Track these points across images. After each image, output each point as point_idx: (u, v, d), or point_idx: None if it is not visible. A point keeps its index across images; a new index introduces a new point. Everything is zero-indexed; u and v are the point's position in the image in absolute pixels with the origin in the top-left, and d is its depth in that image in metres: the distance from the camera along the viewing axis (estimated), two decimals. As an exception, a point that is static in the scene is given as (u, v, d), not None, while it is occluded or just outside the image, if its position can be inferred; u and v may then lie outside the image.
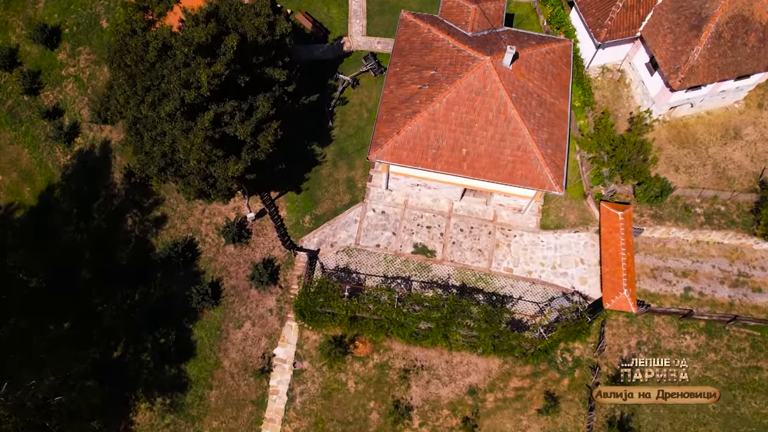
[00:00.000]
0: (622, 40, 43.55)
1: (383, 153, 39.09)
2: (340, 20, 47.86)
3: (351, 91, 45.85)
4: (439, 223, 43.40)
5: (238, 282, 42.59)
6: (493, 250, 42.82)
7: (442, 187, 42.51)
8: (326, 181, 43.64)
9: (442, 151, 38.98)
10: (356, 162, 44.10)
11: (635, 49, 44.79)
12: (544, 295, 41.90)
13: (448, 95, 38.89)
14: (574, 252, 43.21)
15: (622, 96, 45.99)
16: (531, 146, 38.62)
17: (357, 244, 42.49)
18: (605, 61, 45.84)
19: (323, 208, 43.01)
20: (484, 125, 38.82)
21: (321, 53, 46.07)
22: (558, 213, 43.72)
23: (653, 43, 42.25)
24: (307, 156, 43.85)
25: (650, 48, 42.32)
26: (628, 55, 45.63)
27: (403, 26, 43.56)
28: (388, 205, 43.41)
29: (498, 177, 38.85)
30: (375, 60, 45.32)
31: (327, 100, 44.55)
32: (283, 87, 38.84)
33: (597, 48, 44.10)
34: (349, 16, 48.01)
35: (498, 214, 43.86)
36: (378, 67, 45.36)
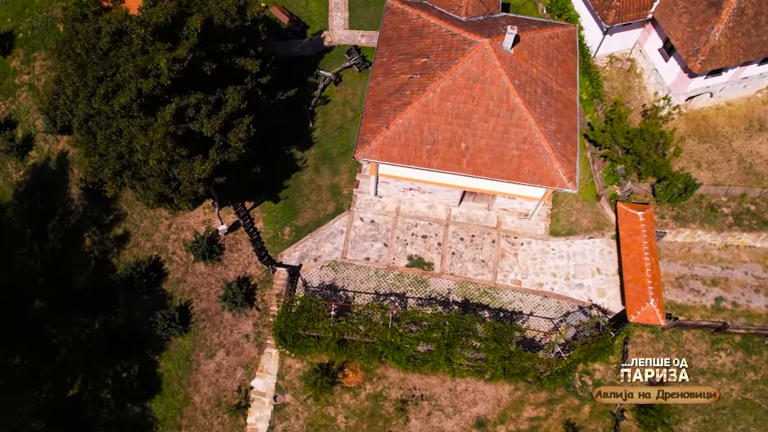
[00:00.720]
0: (632, 23, 39.57)
1: (371, 151, 34.74)
2: (319, 13, 43.89)
3: (333, 89, 41.66)
4: (436, 232, 38.92)
5: (210, 305, 37.79)
6: (498, 261, 38.28)
7: (438, 191, 38.11)
8: (307, 188, 39.22)
9: (437, 147, 34.65)
10: (341, 166, 39.73)
11: (646, 34, 40.86)
12: (558, 309, 37.26)
13: (442, 83, 34.66)
14: (589, 261, 38.72)
15: (634, 87, 41.95)
16: (538, 138, 34.37)
17: (344, 257, 37.88)
18: (613, 49, 41.90)
19: (305, 219, 38.51)
20: (485, 116, 34.56)
21: (299, 49, 41.99)
22: (569, 217, 39.34)
23: (667, 24, 38.33)
24: (285, 160, 39.44)
25: (664, 30, 38.35)
26: (638, 42, 41.70)
27: (390, 14, 39.51)
28: (377, 213, 38.98)
29: (502, 174, 34.49)
30: (359, 54, 41.28)
31: (307, 99, 40.37)
32: (256, 79, 34.63)
33: (604, 34, 40.13)
34: (330, 9, 44.05)
35: (502, 221, 39.44)
36: (362, 61, 41.29)
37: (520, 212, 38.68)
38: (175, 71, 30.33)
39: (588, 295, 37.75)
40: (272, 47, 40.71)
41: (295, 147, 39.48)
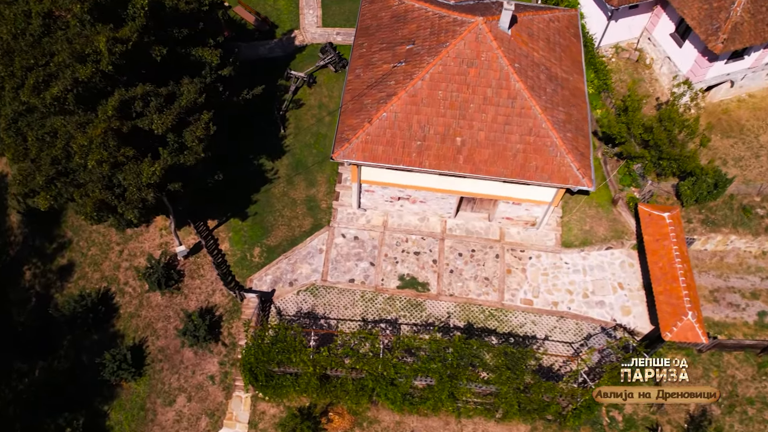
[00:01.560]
0: (639, 5, 35.74)
1: (352, 150, 30.23)
2: (289, 12, 39.85)
3: (307, 92, 37.31)
4: (430, 248, 34.16)
5: (168, 342, 32.50)
6: (504, 278, 33.47)
7: (430, 200, 33.51)
8: (280, 202, 34.49)
9: (429, 143, 30.17)
10: (317, 177, 35.12)
11: (655, 19, 37.01)
12: (578, 331, 32.31)
13: (432, 69, 30.34)
14: (608, 275, 33.98)
15: (644, 79, 37.87)
16: (546, 129, 30.01)
17: (324, 280, 32.93)
18: (618, 38, 37.99)
19: (277, 237, 33.67)
20: (482, 105, 30.23)
21: (267, 50, 37.79)
22: (582, 226, 34.75)
23: (680, 3, 34.52)
24: (254, 172, 34.71)
25: (677, 10, 34.36)
26: (646, 28, 37.83)
27: (368, 2, 35.32)
28: (362, 228, 34.26)
29: (505, 172, 29.99)
30: (334, 52, 37.12)
31: (277, 103, 36.02)
32: (216, 72, 30.33)
33: (609, 19, 36.27)
34: (300, 7, 40.04)
35: (505, 232, 34.77)
36: (339, 60, 37.07)
37: (527, 221, 34.08)
38: (118, 54, 25.78)
39: (611, 314, 32.85)
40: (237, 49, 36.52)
41: (265, 156, 34.88)
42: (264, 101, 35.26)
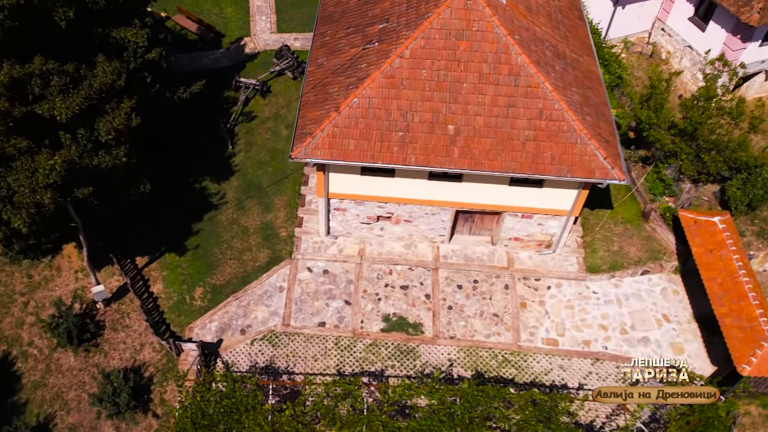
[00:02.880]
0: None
1: (316, 146, 24.76)
2: (238, 19, 35.26)
3: (260, 103, 32.15)
4: (420, 280, 28.27)
5: (82, 416, 25.39)
6: (519, 313, 27.53)
7: (418, 217, 27.81)
8: (228, 231, 28.59)
9: (414, 133, 24.72)
10: (275, 200, 29.46)
11: (668, 5, 32.80)
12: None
13: (412, 45, 25.34)
14: (649, 304, 28.16)
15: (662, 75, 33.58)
16: (560, 110, 24.79)
17: (286, 324, 26.65)
18: (627, 31, 33.57)
19: (225, 274, 27.60)
20: (478, 85, 25.17)
21: (212, 61, 32.84)
22: (608, 246, 29.22)
23: (701, -24, 30.72)
24: (196, 196, 29.07)
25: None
26: (658, 18, 33.65)
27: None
28: (332, 259, 28.39)
29: (514, 165, 24.51)
30: (292, 55, 32.39)
31: (223, 117, 30.87)
32: (142, 57, 25.22)
33: (615, 4, 32.14)
34: (251, 14, 35.53)
35: (514, 257, 29.05)
36: (297, 64, 32.04)
37: (540, 241, 28.49)
38: (7, 8, 20.54)
39: (658, 352, 26.63)
40: (175, 60, 31.76)
41: (209, 178, 29.25)
42: (207, 113, 30.18)
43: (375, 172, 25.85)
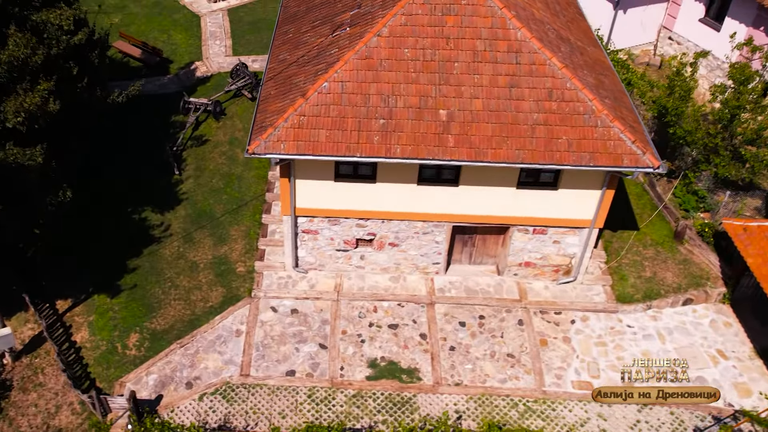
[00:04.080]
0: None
1: (278, 139, 20.78)
2: (188, 45, 32.27)
3: (213, 126, 28.55)
4: (413, 317, 23.92)
5: None
6: (539, 353, 23.12)
7: (406, 238, 23.48)
8: (172, 268, 24.27)
9: (398, 121, 21.24)
10: (230, 230, 25.37)
11: (674, 9, 30.72)
12: (678, 426, 21.61)
13: (390, 22, 22.38)
14: (698, 339, 23.86)
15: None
16: (574, 89, 21.26)
17: (245, 374, 21.88)
18: (630, 42, 31.12)
19: (167, 318, 23.04)
20: (473, 64, 21.88)
21: (158, 87, 29.59)
22: (639, 272, 25.30)
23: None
24: (132, 228, 24.93)
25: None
26: (663, 27, 31.53)
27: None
28: (302, 297, 24.00)
29: (524, 153, 20.60)
30: (250, 74, 29.38)
31: (169, 141, 27.28)
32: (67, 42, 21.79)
33: (615, 8, 29.89)
34: (204, 39, 32.64)
35: (527, 288, 24.92)
36: (256, 83, 28.94)
37: (556, 266, 24.50)
38: None
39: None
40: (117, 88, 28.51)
41: (150, 208, 25.27)
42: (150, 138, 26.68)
43: (352, 178, 22.06)
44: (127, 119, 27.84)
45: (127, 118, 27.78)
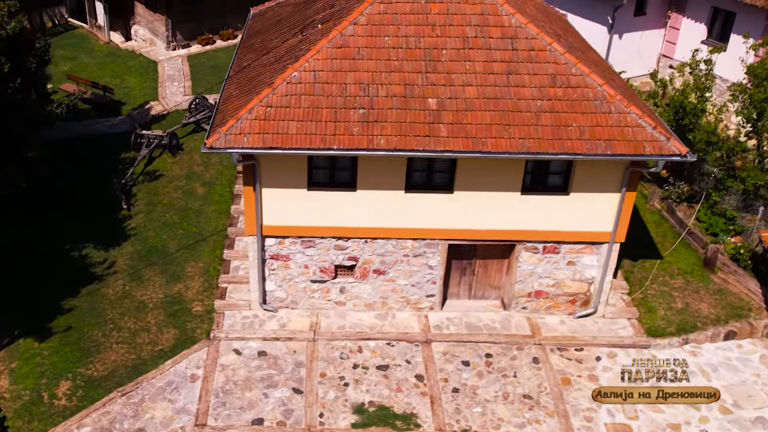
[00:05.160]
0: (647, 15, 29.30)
1: (240, 131, 18.12)
2: (143, 88, 30.32)
3: (168, 161, 26.18)
4: (406, 357, 20.77)
5: None
6: (562, 393, 19.98)
7: (394, 264, 20.54)
8: (115, 308, 21.07)
9: (381, 110, 18.95)
10: (186, 267, 22.42)
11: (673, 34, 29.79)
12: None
13: (368, 10, 20.80)
14: (749, 376, 20.61)
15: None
16: (581, 74, 19.03)
17: (201, 425, 18.21)
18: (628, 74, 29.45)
19: (107, 363, 19.66)
20: (463, 51, 19.77)
21: (108, 127, 27.35)
22: (669, 303, 22.57)
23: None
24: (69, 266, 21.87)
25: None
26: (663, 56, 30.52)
27: (258, 15, 26.98)
28: (271, 337, 20.73)
29: (530, 142, 18.13)
30: (211, 106, 27.02)
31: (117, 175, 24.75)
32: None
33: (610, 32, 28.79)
34: (161, 82, 30.93)
35: (540, 323, 22.07)
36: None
37: (572, 294, 21.57)
38: None
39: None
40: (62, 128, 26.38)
41: (92, 245, 22.57)
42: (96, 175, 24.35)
43: (328, 186, 19.58)
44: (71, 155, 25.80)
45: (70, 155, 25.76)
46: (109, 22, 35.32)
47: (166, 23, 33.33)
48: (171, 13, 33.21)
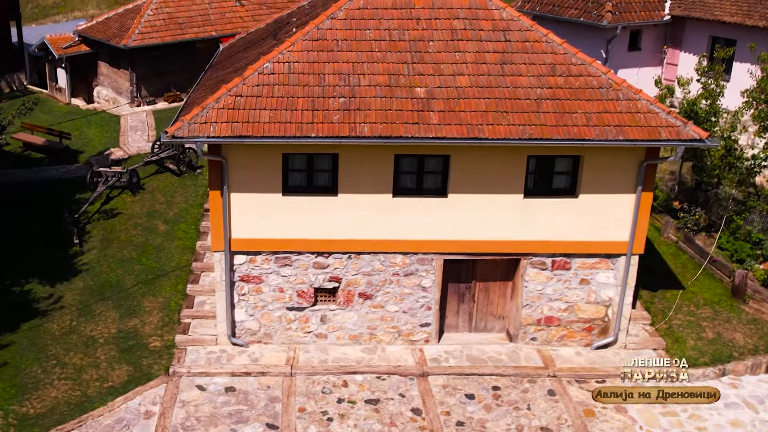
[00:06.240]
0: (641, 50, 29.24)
1: (205, 119, 16.73)
2: (103, 137, 29.16)
3: (128, 200, 24.49)
4: (400, 390, 18.48)
5: None
6: (586, 424, 17.74)
7: (384, 284, 18.57)
8: (59, 344, 18.78)
9: (365, 98, 17.46)
10: (144, 302, 20.30)
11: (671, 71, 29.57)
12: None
13: (346, 5, 19.89)
14: (799, 407, 19.17)
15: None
16: (582, 64, 18.11)
17: (157, 464, 16.23)
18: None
19: (47, 400, 17.14)
20: (452, 43, 18.51)
21: (62, 173, 25.92)
22: (698, 333, 20.63)
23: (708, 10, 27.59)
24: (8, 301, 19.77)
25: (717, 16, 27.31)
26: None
27: (228, 46, 26.01)
28: (241, 372, 18.58)
29: (532, 128, 16.84)
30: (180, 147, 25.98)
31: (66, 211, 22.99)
32: None
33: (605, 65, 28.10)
34: (122, 132, 29.79)
35: (554, 356, 20.02)
36: (183, 155, 25.30)
37: (588, 320, 19.57)
38: None
39: None
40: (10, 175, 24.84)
41: (36, 280, 20.61)
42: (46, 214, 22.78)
43: (306, 190, 18.17)
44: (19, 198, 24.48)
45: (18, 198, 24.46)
46: (70, 86, 34.92)
47: (130, 78, 32.88)
48: (136, 67, 32.87)
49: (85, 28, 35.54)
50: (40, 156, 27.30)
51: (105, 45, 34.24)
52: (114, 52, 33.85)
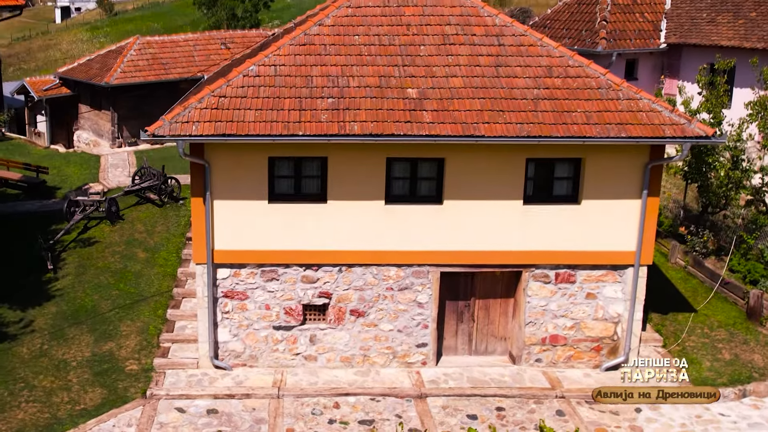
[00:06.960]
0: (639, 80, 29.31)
1: (187, 118, 16.34)
2: (82, 174, 28.66)
3: (106, 230, 23.81)
4: (396, 412, 17.49)
5: None
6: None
7: (377, 300, 17.99)
8: (28, 367, 17.83)
9: (354, 99, 17.26)
10: (121, 326, 19.41)
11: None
12: None
13: (334, 12, 19.66)
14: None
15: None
16: (580, 65, 18.10)
17: (130, 485, 15.18)
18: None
19: (11, 423, 15.92)
20: (444, 47, 18.45)
21: (38, 207, 25.27)
22: (714, 354, 19.86)
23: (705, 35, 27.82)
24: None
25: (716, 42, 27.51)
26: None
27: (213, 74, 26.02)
28: (224, 394, 17.69)
29: (530, 126, 16.64)
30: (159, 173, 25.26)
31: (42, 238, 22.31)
32: None
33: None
34: (102, 169, 29.45)
35: (561, 377, 19.22)
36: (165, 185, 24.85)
37: (596, 339, 18.81)
38: None
39: None
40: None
41: (6, 305, 19.78)
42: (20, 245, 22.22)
43: (293, 197, 17.76)
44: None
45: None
46: (50, 131, 34.87)
47: (111, 119, 32.84)
48: (118, 107, 32.84)
49: (67, 70, 35.77)
50: (15, 192, 26.95)
51: (86, 85, 34.44)
52: (95, 92, 33.98)
